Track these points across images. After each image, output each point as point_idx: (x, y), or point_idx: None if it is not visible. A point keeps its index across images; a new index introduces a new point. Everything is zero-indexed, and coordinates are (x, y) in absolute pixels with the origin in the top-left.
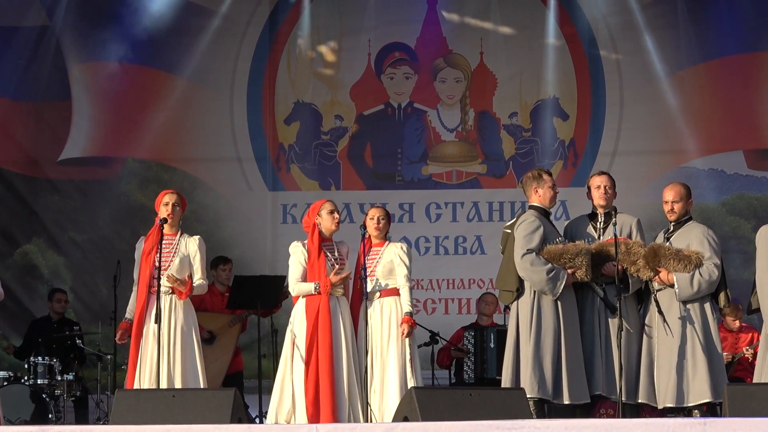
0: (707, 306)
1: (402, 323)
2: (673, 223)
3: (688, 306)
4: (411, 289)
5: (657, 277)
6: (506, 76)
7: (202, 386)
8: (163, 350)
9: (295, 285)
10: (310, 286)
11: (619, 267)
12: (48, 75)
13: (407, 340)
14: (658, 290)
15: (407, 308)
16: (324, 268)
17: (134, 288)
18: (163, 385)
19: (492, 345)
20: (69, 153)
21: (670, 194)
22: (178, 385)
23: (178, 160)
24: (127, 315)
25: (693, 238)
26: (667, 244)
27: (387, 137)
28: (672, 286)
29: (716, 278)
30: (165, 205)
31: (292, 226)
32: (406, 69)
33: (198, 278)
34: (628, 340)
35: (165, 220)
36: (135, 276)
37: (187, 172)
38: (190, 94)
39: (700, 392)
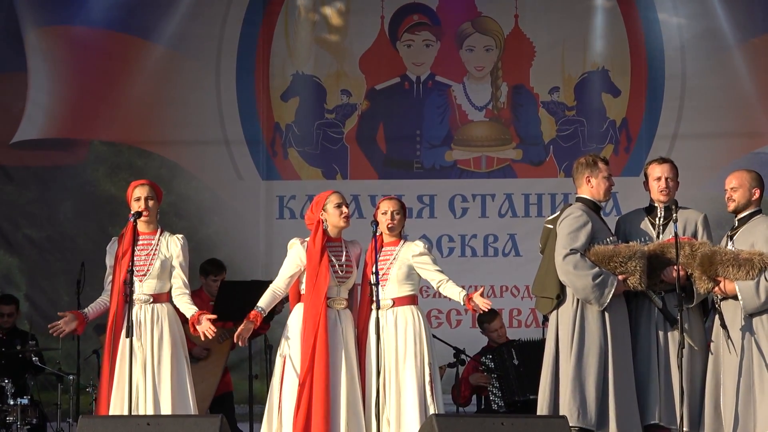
0: None
1: (469, 301)
2: (737, 220)
3: (756, 318)
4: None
5: (717, 288)
6: (546, 44)
7: (192, 412)
8: (146, 369)
9: (270, 287)
10: (263, 299)
11: (682, 272)
12: None
13: (426, 357)
14: (722, 300)
15: (461, 291)
16: (326, 274)
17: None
18: (149, 411)
19: (515, 361)
20: (24, 134)
21: (729, 180)
22: (166, 411)
23: (154, 143)
24: (86, 310)
25: (758, 236)
26: (729, 247)
27: (403, 116)
28: (736, 297)
29: None
30: (136, 200)
31: (290, 222)
32: (427, 35)
33: (178, 288)
34: (691, 359)
35: (138, 214)
36: (106, 285)
37: (164, 158)
38: (168, 65)
39: (766, 419)
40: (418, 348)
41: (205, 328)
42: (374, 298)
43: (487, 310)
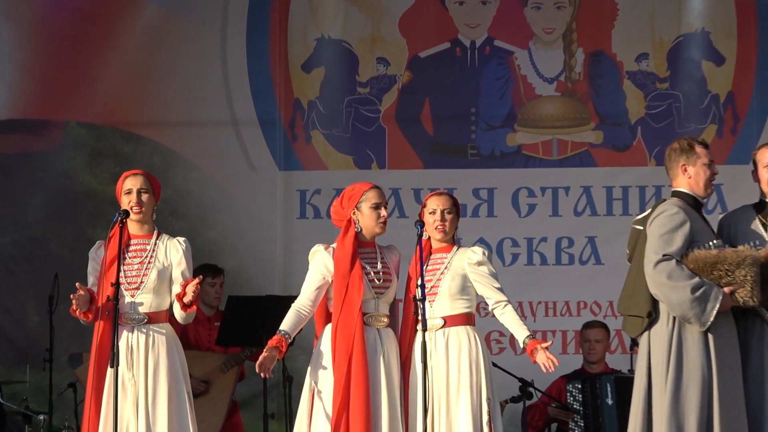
0: None
1: (531, 349)
2: None
3: None
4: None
5: None
6: (631, 1)
7: None
8: (139, 406)
9: (293, 306)
10: (286, 322)
11: None
12: None
13: (484, 391)
14: None
15: (524, 331)
16: (360, 285)
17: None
18: None
19: (610, 401)
20: None
21: None
22: None
23: (144, 124)
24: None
25: None
26: None
27: (454, 91)
28: None
29: None
30: (127, 193)
31: (314, 223)
32: None
33: None
34: None
35: (126, 214)
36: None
37: (158, 143)
38: (162, 29)
39: None
40: (475, 379)
41: (191, 296)
42: (420, 317)
43: (551, 370)
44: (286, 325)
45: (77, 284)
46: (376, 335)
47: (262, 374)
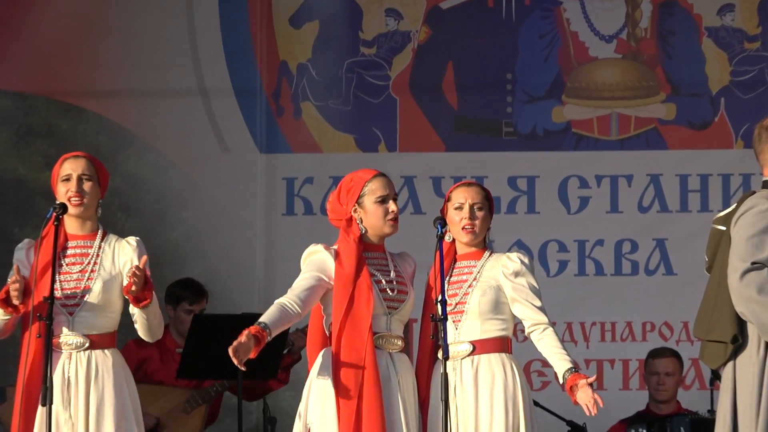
0: None
1: (570, 385)
2: None
3: None
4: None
5: None
6: None
7: None
8: None
9: (278, 301)
10: (267, 315)
11: None
12: None
13: None
14: None
15: (566, 363)
16: (370, 296)
17: None
18: None
19: None
20: None
21: None
22: None
23: (87, 94)
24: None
25: None
26: None
27: (485, 52)
28: None
29: None
30: (65, 180)
31: (304, 220)
32: None
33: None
34: None
35: (63, 208)
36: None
37: (104, 118)
38: None
39: None
40: (511, 420)
41: (132, 285)
42: (441, 341)
43: (593, 413)
44: (266, 317)
45: (15, 266)
46: (388, 360)
47: (234, 361)
